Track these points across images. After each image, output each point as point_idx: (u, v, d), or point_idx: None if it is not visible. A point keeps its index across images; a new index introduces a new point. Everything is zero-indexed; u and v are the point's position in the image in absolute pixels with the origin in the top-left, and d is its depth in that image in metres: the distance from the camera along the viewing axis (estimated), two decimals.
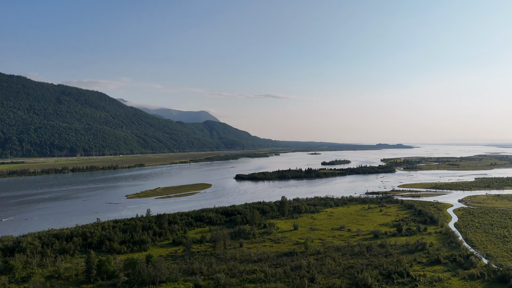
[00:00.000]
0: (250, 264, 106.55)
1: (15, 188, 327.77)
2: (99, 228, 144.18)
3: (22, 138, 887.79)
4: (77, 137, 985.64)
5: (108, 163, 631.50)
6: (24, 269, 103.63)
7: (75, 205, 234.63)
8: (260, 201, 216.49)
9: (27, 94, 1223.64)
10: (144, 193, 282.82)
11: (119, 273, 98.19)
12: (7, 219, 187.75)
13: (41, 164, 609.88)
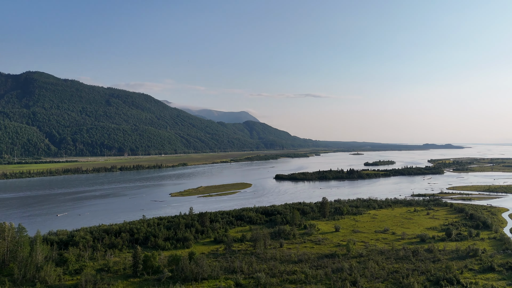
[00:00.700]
0: (291, 264, 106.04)
1: (70, 185, 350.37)
2: (145, 224, 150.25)
3: (75, 139, 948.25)
4: (125, 137, 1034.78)
5: (153, 162, 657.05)
6: (77, 261, 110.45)
7: (123, 202, 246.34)
8: (300, 202, 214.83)
9: (80, 97, 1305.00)
10: (187, 192, 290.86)
11: (163, 268, 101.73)
12: (62, 214, 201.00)
13: (92, 163, 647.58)
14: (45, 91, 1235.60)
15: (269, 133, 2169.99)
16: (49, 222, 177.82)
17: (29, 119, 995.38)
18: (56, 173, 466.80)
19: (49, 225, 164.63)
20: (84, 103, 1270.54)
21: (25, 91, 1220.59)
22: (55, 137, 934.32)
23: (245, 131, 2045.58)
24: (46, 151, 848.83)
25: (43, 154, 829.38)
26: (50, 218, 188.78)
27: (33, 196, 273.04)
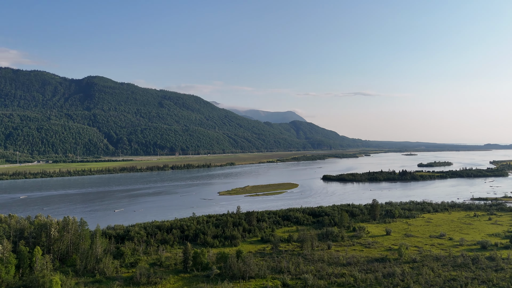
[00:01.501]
0: (339, 267, 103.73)
1: (126, 183, 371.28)
2: (194, 222, 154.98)
3: (131, 139, 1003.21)
4: (176, 138, 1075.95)
5: (202, 162, 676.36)
6: (132, 255, 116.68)
7: (174, 199, 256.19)
8: (349, 203, 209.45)
9: (135, 99, 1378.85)
10: (235, 191, 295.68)
11: (212, 265, 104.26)
12: (119, 210, 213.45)
13: (146, 162, 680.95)
14: (104, 94, 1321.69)
15: (316, 133, 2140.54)
16: (107, 217, 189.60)
17: (90, 120, 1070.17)
18: (114, 171, 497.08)
19: (107, 220, 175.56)
20: (139, 105, 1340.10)
21: (87, 95, 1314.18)
22: (112, 137, 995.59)
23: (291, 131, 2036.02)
24: (105, 151, 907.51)
25: (102, 153, 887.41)
26: (108, 214, 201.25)
27: (94, 193, 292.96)
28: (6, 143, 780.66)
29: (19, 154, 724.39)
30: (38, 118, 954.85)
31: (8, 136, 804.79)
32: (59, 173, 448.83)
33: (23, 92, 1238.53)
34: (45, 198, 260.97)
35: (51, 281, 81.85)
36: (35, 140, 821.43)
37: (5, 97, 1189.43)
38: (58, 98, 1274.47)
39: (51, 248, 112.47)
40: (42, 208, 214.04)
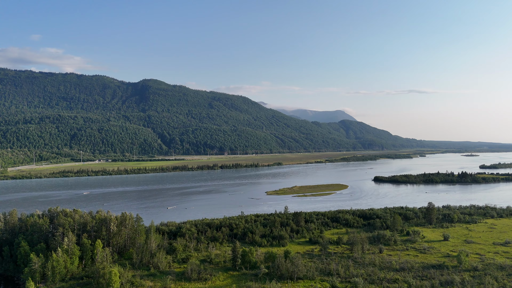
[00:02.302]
0: (391, 272, 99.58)
1: (178, 181, 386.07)
2: (243, 221, 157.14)
3: (182, 139, 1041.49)
4: (225, 138, 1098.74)
5: (250, 161, 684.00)
6: (183, 251, 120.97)
7: (223, 198, 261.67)
8: (403, 206, 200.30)
9: (186, 100, 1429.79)
10: (282, 191, 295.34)
11: (260, 264, 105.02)
12: (171, 207, 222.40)
13: (197, 161, 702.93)
14: (158, 96, 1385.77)
15: (367, 133, 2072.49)
16: (161, 213, 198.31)
17: (145, 121, 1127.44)
18: (167, 170, 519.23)
19: (160, 216, 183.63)
20: (190, 106, 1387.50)
21: (142, 97, 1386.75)
22: (166, 137, 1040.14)
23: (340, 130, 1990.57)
24: (158, 150, 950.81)
25: (156, 152, 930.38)
26: (162, 211, 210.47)
27: (148, 190, 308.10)
28: (71, 143, 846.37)
29: (83, 153, 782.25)
30: (99, 120, 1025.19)
31: (73, 137, 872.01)
32: (117, 171, 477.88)
33: (86, 96, 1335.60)
34: (105, 195, 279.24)
35: (110, 272, 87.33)
36: (96, 140, 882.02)
37: (70, 100, 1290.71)
38: (116, 101, 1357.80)
39: (111, 242, 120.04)
40: (102, 204, 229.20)
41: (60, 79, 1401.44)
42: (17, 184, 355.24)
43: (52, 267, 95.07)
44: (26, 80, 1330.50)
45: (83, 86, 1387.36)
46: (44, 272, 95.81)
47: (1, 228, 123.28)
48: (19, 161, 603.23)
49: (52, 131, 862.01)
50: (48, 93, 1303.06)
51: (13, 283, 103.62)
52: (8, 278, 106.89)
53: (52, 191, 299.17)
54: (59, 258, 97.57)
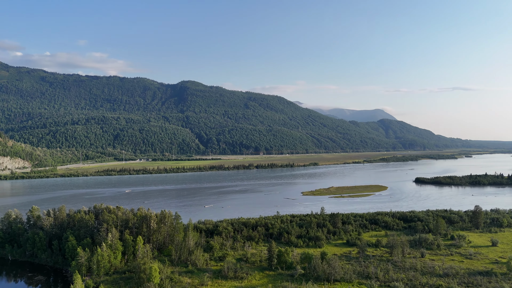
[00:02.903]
0: (434, 278, 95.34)
1: (215, 180, 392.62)
2: (278, 221, 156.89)
3: (219, 139, 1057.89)
4: (260, 138, 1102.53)
5: (285, 161, 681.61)
6: (220, 249, 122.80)
7: (259, 198, 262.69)
8: (446, 209, 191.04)
9: (223, 101, 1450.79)
10: (318, 191, 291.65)
11: (296, 265, 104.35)
12: (208, 206, 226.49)
13: (233, 161, 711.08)
14: (196, 97, 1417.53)
15: (408, 132, 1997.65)
16: (198, 212, 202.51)
17: (183, 122, 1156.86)
18: (204, 169, 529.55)
19: (198, 214, 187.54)
20: (226, 107, 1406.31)
21: (180, 98, 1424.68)
22: (203, 137, 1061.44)
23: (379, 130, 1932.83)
24: (196, 150, 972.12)
25: (194, 152, 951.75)
26: (199, 209, 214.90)
27: (186, 189, 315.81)
28: (114, 143, 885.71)
29: (125, 152, 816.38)
30: (140, 121, 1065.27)
31: (116, 137, 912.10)
32: (157, 170, 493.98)
33: (128, 97, 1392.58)
34: (145, 193, 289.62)
35: (151, 268, 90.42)
36: (137, 140, 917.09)
37: (113, 102, 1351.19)
38: (156, 102, 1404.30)
39: (151, 238, 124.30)
40: (143, 201, 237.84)
41: (104, 82, 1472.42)
42: (65, 182, 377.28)
43: (97, 261, 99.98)
44: (74, 83, 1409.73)
45: (125, 88, 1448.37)
46: (90, 265, 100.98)
47: (51, 223, 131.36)
48: (67, 160, 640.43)
49: (97, 132, 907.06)
50: (94, 95, 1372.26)
51: (61, 275, 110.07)
52: (57, 270, 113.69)
53: (97, 189, 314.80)
54: (104, 252, 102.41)
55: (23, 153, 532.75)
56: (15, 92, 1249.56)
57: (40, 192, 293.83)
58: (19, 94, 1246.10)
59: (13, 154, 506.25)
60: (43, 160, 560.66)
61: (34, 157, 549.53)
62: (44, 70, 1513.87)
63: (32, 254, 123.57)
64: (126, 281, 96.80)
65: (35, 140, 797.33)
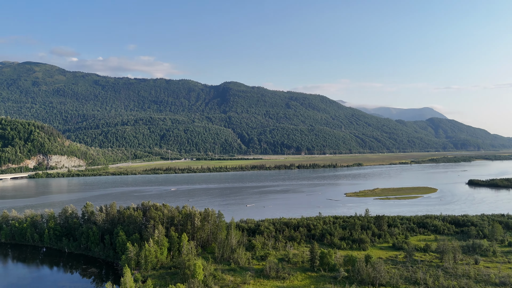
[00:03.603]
0: (489, 286, 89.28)
1: (256, 180, 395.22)
2: (321, 222, 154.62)
3: (260, 139, 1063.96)
4: (302, 137, 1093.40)
5: (328, 162, 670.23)
6: (262, 249, 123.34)
7: (300, 198, 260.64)
8: (504, 214, 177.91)
9: (264, 101, 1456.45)
10: (362, 193, 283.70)
11: (339, 267, 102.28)
12: (250, 205, 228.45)
13: (274, 161, 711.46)
14: (238, 98, 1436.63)
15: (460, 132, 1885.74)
16: (240, 211, 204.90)
17: (225, 122, 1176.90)
18: (246, 169, 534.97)
19: (240, 213, 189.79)
20: (267, 107, 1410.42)
21: (223, 99, 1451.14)
22: (244, 137, 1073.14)
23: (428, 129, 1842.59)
24: (238, 150, 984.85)
25: (236, 152, 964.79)
26: (241, 208, 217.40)
27: (229, 188, 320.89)
28: (161, 143, 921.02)
29: (170, 152, 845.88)
30: (184, 121, 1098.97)
31: (162, 137, 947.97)
32: (201, 169, 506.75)
33: (173, 99, 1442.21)
34: (190, 191, 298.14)
35: (195, 264, 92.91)
36: (182, 140, 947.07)
37: (160, 103, 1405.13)
38: (200, 103, 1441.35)
39: (195, 236, 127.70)
40: (187, 199, 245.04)
41: (151, 84, 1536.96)
42: (116, 180, 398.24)
43: (145, 256, 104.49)
44: (123, 86, 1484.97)
45: (171, 90, 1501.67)
46: (138, 260, 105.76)
47: (103, 218, 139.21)
48: (117, 159, 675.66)
49: (145, 132, 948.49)
50: (141, 97, 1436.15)
51: (112, 268, 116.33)
52: (109, 263, 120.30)
53: (144, 187, 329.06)
54: (151, 248, 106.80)
55: (79, 152, 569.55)
56: (71, 95, 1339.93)
57: (93, 189, 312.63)
58: (74, 97, 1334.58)
59: (70, 153, 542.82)
60: (96, 159, 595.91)
61: (88, 156, 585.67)
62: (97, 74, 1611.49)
63: (86, 247, 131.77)
64: (171, 276, 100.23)
65: (89, 140, 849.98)
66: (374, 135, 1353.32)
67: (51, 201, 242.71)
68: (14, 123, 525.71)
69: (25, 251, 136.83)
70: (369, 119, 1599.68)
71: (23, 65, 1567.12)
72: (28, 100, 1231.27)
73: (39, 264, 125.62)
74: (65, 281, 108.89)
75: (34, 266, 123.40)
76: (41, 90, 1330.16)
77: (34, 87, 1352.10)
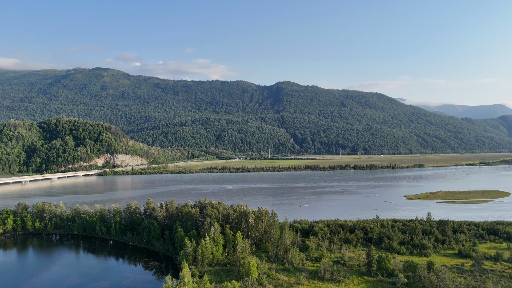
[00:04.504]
0: None
1: (310, 180, 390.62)
2: (378, 225, 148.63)
3: (314, 138, 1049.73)
4: (358, 137, 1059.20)
5: (386, 162, 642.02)
6: (316, 250, 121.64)
7: (356, 200, 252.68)
8: None
9: (318, 100, 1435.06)
10: (424, 195, 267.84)
11: (398, 273, 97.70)
12: (304, 205, 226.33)
13: (328, 161, 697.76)
14: (291, 97, 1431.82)
15: None
16: (294, 211, 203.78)
17: (278, 122, 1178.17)
18: (299, 169, 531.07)
19: (293, 213, 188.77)
20: (321, 106, 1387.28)
21: (276, 99, 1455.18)
22: (298, 137, 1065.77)
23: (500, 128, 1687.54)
24: (291, 149, 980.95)
25: (289, 152, 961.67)
26: (295, 208, 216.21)
27: (282, 188, 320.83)
28: (216, 143, 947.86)
29: (225, 151, 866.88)
30: (239, 122, 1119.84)
31: (218, 137, 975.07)
32: (254, 169, 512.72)
33: (228, 100, 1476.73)
34: (244, 190, 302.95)
35: (249, 262, 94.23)
36: (236, 140, 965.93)
37: (216, 104, 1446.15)
38: (253, 104, 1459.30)
39: (249, 234, 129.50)
40: (242, 198, 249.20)
41: (208, 86, 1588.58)
42: (175, 178, 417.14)
43: (201, 252, 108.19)
44: (182, 88, 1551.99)
45: (226, 91, 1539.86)
46: (195, 255, 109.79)
47: (163, 214, 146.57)
48: (176, 158, 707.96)
49: (201, 132, 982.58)
50: (198, 99, 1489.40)
51: (172, 262, 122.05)
52: (168, 258, 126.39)
53: (201, 185, 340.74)
54: (207, 244, 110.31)
55: (141, 151, 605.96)
56: (134, 98, 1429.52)
57: (154, 187, 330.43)
58: (137, 99, 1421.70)
59: (133, 153, 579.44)
60: (157, 158, 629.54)
61: (149, 155, 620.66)
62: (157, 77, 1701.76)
63: (148, 241, 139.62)
64: (227, 273, 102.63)
65: (150, 140, 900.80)
66: (437, 135, 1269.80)
67: (117, 197, 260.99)
68: (85, 125, 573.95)
69: (95, 243, 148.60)
70: (431, 118, 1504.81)
71: (93, 71, 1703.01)
72: (97, 103, 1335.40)
73: (107, 255, 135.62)
74: (129, 272, 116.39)
75: (102, 257, 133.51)
76: (108, 94, 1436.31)
77: (102, 91, 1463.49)
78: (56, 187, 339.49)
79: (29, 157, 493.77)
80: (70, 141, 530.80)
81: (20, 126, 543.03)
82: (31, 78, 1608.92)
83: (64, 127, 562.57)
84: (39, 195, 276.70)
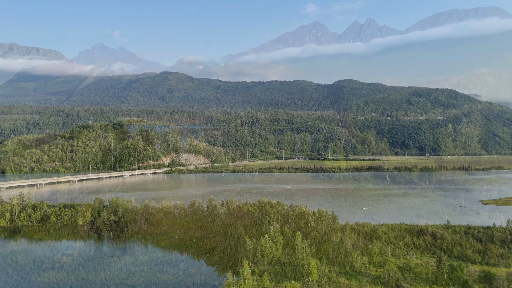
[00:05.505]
0: None
1: (373, 181, 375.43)
2: (449, 231, 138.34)
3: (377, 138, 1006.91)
4: (426, 136, 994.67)
5: (458, 164, 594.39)
6: (379, 255, 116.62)
7: (424, 203, 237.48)
8: None
9: (382, 98, 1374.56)
10: (504, 200, 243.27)
11: (472, 283, 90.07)
12: (366, 208, 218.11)
13: (393, 162, 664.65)
14: (352, 96, 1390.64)
15: None
16: (355, 213, 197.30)
17: (339, 121, 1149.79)
18: (361, 169, 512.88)
19: (355, 216, 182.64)
20: (385, 104, 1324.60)
21: (337, 97, 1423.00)
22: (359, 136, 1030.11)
23: None
24: (352, 149, 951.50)
25: (350, 152, 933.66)
26: (356, 210, 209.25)
27: (343, 189, 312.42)
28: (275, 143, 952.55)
29: (284, 151, 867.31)
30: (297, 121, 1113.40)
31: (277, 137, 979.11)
32: (313, 169, 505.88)
33: (287, 99, 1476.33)
34: (303, 190, 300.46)
35: (309, 264, 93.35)
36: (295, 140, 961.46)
37: (275, 104, 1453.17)
38: (313, 103, 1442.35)
39: (308, 235, 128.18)
40: (301, 198, 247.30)
41: (267, 86, 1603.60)
42: (236, 177, 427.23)
43: (261, 250, 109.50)
44: (242, 89, 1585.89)
45: (285, 91, 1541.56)
46: (255, 254, 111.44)
47: (225, 212, 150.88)
48: (236, 157, 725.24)
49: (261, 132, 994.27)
50: (258, 99, 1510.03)
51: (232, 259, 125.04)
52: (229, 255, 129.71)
53: (260, 184, 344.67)
54: (267, 243, 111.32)
55: (204, 151, 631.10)
56: (197, 100, 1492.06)
57: (216, 185, 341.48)
58: (200, 101, 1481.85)
59: (197, 152, 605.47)
60: (218, 157, 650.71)
61: (211, 154, 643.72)
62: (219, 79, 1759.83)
63: None
64: (286, 273, 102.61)
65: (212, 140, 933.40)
66: None
67: (182, 194, 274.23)
68: (153, 126, 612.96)
69: None
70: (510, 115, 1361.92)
71: (160, 75, 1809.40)
72: (164, 105, 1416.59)
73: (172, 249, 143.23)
74: (192, 267, 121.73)
75: (168, 252, 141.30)
76: (174, 96, 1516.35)
77: (169, 93, 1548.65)
78: (128, 184, 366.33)
79: (104, 155, 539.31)
80: (140, 141, 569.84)
81: (97, 127, 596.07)
82: (106, 83, 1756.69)
83: (135, 127, 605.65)
84: (114, 191, 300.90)
